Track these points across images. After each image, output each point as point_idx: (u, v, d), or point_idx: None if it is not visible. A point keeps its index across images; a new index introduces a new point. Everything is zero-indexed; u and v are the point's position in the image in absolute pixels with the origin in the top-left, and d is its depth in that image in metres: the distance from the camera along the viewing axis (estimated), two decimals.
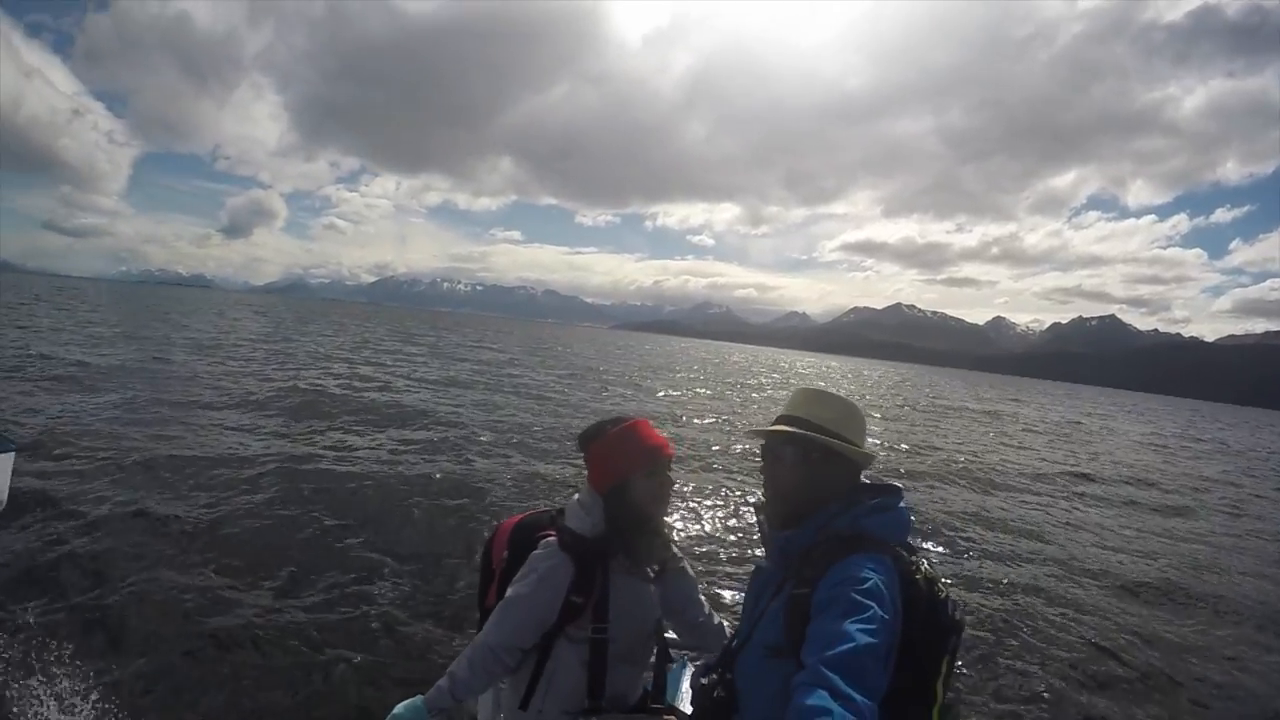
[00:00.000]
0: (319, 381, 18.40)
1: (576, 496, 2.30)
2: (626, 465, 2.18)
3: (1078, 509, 13.01)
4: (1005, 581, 7.93)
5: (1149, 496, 15.30)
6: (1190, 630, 7.27)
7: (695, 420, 19.53)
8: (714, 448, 14.92)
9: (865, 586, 1.53)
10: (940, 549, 9.06)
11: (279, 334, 39.18)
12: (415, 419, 14.17)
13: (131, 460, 8.89)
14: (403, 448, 11.33)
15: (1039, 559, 9.10)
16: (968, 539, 9.69)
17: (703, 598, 2.57)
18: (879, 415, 28.48)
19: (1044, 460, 19.43)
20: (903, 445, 18.99)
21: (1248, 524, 13.64)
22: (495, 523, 2.80)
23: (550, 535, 2.21)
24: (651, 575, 2.30)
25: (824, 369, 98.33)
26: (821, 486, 1.83)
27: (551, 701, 2.18)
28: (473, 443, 12.20)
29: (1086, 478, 16.63)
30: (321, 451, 10.49)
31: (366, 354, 30.63)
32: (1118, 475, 17.94)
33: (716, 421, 19.58)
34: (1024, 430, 29.30)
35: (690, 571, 2.54)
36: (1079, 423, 39.35)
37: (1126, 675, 6.00)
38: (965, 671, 5.66)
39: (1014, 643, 6.36)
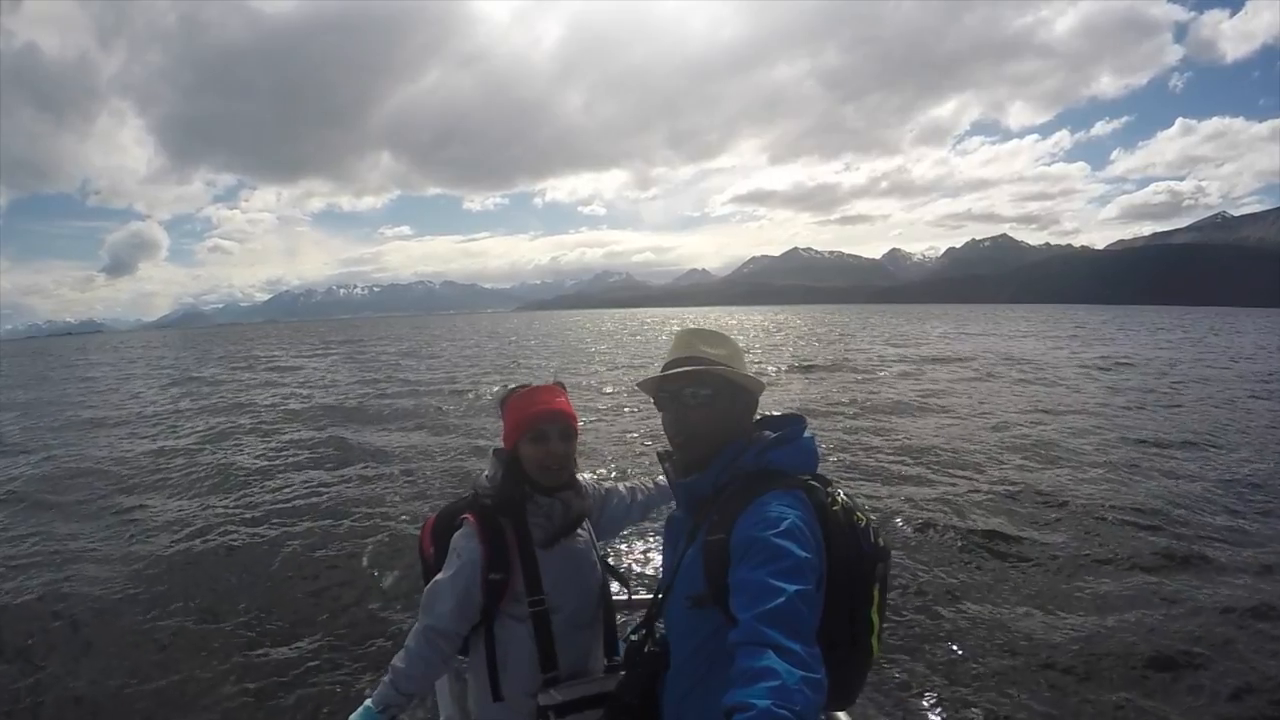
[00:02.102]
0: (130, 442, 14.96)
1: (484, 471, 2.28)
2: (518, 427, 2.18)
3: (1177, 499, 9.02)
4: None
5: (1222, 461, 11.25)
6: None
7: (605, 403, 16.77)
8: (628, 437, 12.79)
9: (783, 527, 1.51)
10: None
11: (124, 373, 35.60)
12: (190, 496, 10.37)
13: None
14: (147, 560, 7.72)
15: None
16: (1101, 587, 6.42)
17: (622, 487, 2.60)
18: (844, 370, 24.62)
19: (1063, 418, 15.01)
20: (891, 427, 14.33)
21: None
22: None
23: (467, 516, 2.15)
24: (578, 534, 2.25)
25: (748, 323, 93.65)
26: (732, 423, 1.82)
27: (513, 684, 2.13)
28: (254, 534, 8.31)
29: (1144, 444, 12.29)
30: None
31: (214, 389, 26.02)
32: (1160, 431, 13.56)
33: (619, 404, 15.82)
34: (1003, 376, 24.66)
35: (603, 487, 2.55)
36: (1038, 352, 35.62)
37: None
38: None
39: None
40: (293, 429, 15.36)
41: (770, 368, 26.38)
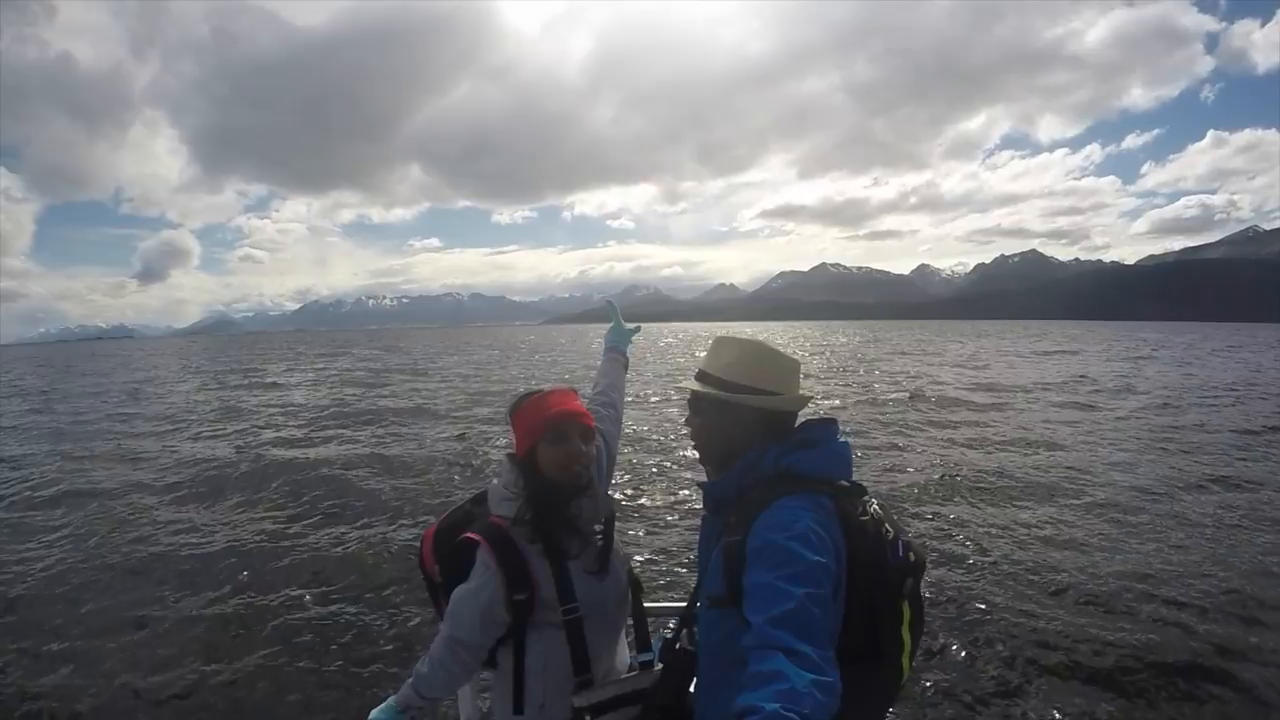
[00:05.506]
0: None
1: (495, 480, 2.17)
2: (534, 430, 2.09)
3: None
4: None
5: None
6: None
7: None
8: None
9: (796, 530, 1.49)
10: None
11: (97, 385, 34.01)
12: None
13: None
14: None
15: None
16: None
17: (600, 412, 2.50)
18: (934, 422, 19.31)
19: None
20: (1045, 521, 9.62)
21: None
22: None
23: (472, 536, 2.02)
24: (597, 532, 2.13)
25: (781, 340, 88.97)
26: (726, 436, 1.80)
27: (548, 690, 2.03)
28: None
29: None
30: None
31: (161, 411, 22.88)
32: None
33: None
34: (1130, 412, 19.21)
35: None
36: (1137, 375, 30.44)
37: None
38: None
39: None
40: (184, 499, 11.15)
41: (827, 401, 21.18)
